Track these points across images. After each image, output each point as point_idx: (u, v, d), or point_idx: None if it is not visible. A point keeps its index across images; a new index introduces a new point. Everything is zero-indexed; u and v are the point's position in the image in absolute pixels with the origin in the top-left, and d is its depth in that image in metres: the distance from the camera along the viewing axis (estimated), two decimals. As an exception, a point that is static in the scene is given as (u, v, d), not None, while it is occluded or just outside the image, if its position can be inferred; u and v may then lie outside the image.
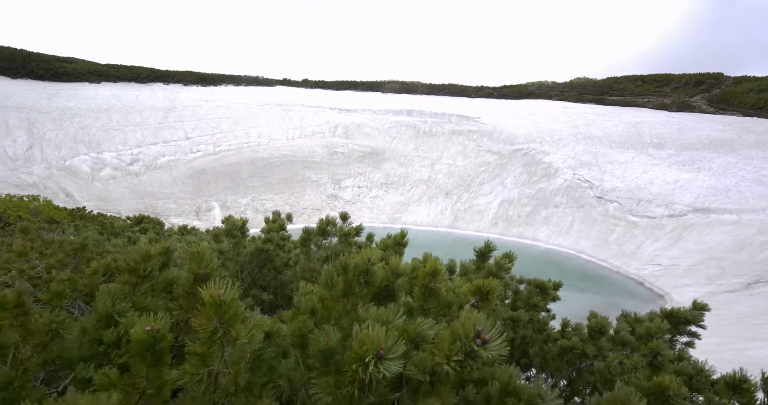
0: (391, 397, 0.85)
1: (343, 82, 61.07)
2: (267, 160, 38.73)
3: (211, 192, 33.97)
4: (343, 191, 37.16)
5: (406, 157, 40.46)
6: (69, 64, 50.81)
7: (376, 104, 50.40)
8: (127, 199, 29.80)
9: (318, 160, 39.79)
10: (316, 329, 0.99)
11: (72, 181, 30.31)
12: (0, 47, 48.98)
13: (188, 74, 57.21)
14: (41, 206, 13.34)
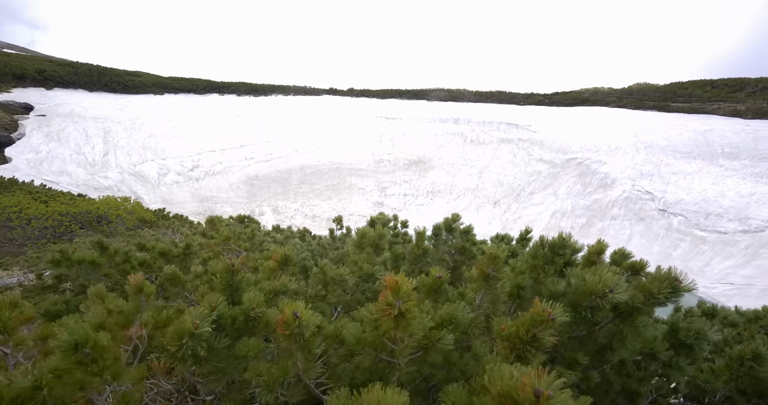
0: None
1: (388, 91, 62.66)
2: (315, 167, 40.71)
3: (263, 197, 36.27)
4: (389, 199, 38.20)
5: (452, 165, 40.92)
6: (137, 77, 56.25)
7: (422, 112, 51.42)
8: (188, 202, 32.59)
9: (364, 167, 41.22)
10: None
11: (141, 184, 33.65)
12: (80, 64, 55.29)
13: (241, 85, 61.29)
14: (133, 207, 15.36)
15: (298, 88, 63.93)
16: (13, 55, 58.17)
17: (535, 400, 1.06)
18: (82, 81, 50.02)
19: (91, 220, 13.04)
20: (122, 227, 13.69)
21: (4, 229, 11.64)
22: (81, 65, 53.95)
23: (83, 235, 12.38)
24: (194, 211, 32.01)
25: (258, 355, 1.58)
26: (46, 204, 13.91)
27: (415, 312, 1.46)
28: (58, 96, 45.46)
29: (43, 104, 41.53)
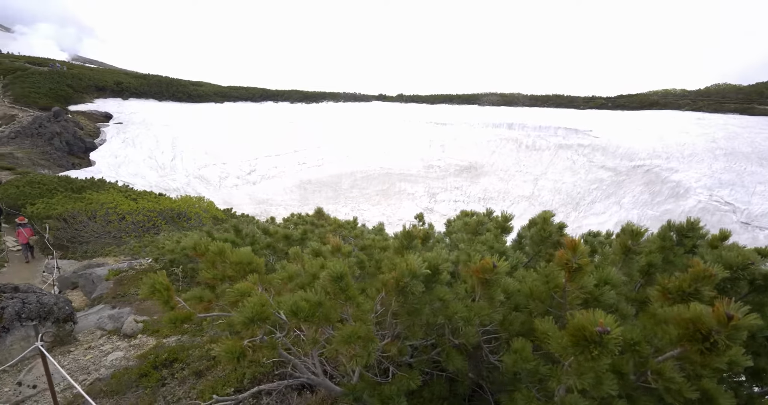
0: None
1: (437, 96, 62.87)
2: (365, 172, 41.70)
3: (315, 200, 37.71)
4: (438, 205, 38.26)
5: (506, 171, 40.26)
6: (200, 87, 60.68)
7: (473, 117, 51.08)
8: (246, 204, 34.62)
9: (414, 173, 41.60)
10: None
11: (204, 187, 36.26)
12: (151, 75, 60.62)
13: (294, 93, 64.16)
14: (207, 206, 16.76)
15: (348, 95, 65.80)
16: (95, 69, 65.01)
17: (726, 321, 1.36)
18: (152, 91, 54.87)
19: (173, 217, 14.47)
20: (198, 223, 15.02)
21: (104, 222, 13.25)
22: (152, 77, 59.20)
23: (167, 230, 13.74)
24: (251, 213, 33.99)
25: (449, 299, 1.98)
26: (135, 201, 15.61)
27: (588, 268, 1.79)
28: (132, 105, 50.21)
29: (120, 113, 46.05)
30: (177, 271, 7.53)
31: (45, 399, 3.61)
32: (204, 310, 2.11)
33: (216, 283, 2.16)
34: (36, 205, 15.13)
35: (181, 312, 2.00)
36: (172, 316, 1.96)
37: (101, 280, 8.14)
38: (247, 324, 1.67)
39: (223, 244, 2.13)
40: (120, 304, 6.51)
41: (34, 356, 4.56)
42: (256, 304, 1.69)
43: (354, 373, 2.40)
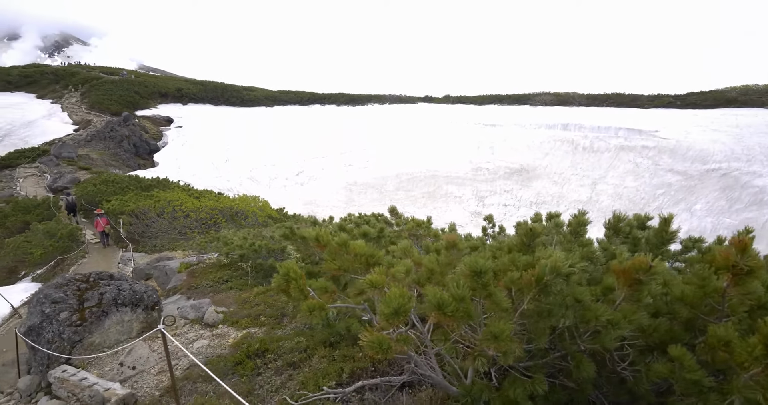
0: None
1: (486, 97, 61.64)
2: (411, 174, 41.59)
3: (360, 202, 38.11)
4: (487, 208, 37.32)
5: (560, 175, 38.61)
6: (252, 92, 63.49)
7: (525, 118, 49.51)
8: (294, 204, 35.65)
9: (461, 175, 40.94)
10: None
11: (255, 187, 37.78)
12: (208, 82, 64.27)
13: (340, 96, 65.45)
14: (262, 205, 17.40)
15: (394, 97, 66.11)
16: (158, 77, 69.98)
17: None
18: (209, 96, 58.16)
19: (232, 215, 15.16)
20: (254, 222, 15.61)
21: (171, 218, 14.14)
22: (208, 83, 62.79)
23: (227, 227, 14.40)
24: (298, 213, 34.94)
25: (587, 300, 1.84)
26: (198, 199, 16.56)
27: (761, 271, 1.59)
28: (191, 110, 53.48)
29: (180, 117, 49.18)
30: (244, 266, 7.82)
31: (143, 379, 3.82)
32: (329, 301, 2.10)
33: (340, 274, 2.15)
34: (111, 201, 16.45)
35: (315, 301, 2.00)
36: (309, 304, 1.96)
37: (174, 272, 8.63)
38: (391, 316, 1.62)
39: (346, 236, 2.11)
40: (194, 295, 6.84)
41: (127, 340, 4.87)
42: (399, 296, 1.64)
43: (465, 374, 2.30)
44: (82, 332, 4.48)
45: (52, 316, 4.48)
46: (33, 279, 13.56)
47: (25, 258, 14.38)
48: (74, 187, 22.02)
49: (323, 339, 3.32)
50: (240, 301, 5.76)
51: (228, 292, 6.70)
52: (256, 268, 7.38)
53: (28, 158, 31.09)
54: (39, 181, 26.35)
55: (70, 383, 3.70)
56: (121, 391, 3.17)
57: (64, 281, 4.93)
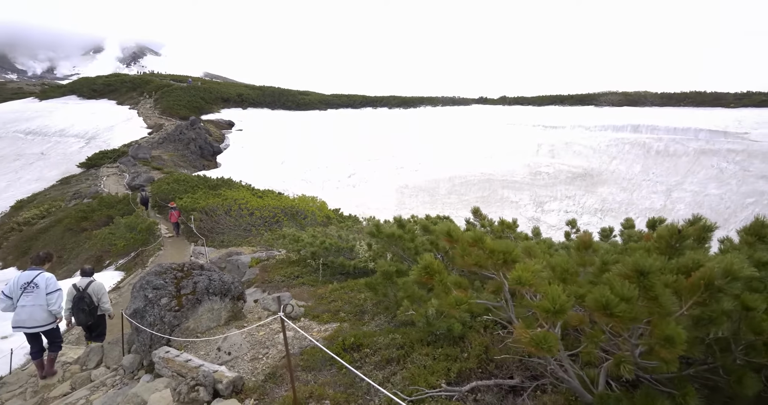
0: None
1: (546, 97, 59.39)
2: (464, 177, 40.90)
3: (411, 205, 38.06)
4: (546, 215, 35.82)
5: (630, 180, 36.23)
6: (306, 96, 65.74)
7: (589, 119, 47.04)
8: (345, 206, 36.35)
9: (518, 179, 39.64)
10: None
11: (308, 189, 39.00)
12: (266, 87, 67.42)
13: (392, 98, 65.94)
14: (320, 205, 17.90)
15: (447, 99, 65.54)
16: (221, 83, 74.61)
17: None
18: (267, 101, 61.03)
19: (294, 214, 15.76)
20: (313, 221, 16.07)
21: (237, 216, 14.96)
22: (266, 88, 65.90)
23: (288, 225, 14.95)
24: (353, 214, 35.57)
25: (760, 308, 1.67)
26: (261, 198, 17.40)
27: None
28: (250, 114, 56.41)
29: (240, 121, 52.03)
30: (313, 263, 8.06)
31: (238, 365, 4.03)
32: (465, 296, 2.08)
33: (476, 270, 2.11)
34: (183, 199, 17.73)
35: (458, 295, 1.98)
36: (454, 298, 1.95)
37: (246, 267, 9.08)
38: (551, 314, 1.56)
39: (481, 232, 2.07)
40: (269, 288, 7.14)
41: (217, 326, 5.17)
42: (558, 294, 1.57)
43: (592, 381, 2.18)
44: (179, 317, 4.82)
45: (154, 301, 4.86)
46: (116, 268, 14.89)
47: (110, 249, 15.83)
48: (149, 185, 24.02)
49: (420, 337, 3.31)
50: (316, 297, 5.92)
51: (301, 287, 6.92)
52: (326, 266, 7.57)
53: (110, 158, 34.33)
54: (119, 180, 29.00)
55: (176, 363, 3.98)
56: (230, 373, 3.36)
57: (163, 269, 5.33)
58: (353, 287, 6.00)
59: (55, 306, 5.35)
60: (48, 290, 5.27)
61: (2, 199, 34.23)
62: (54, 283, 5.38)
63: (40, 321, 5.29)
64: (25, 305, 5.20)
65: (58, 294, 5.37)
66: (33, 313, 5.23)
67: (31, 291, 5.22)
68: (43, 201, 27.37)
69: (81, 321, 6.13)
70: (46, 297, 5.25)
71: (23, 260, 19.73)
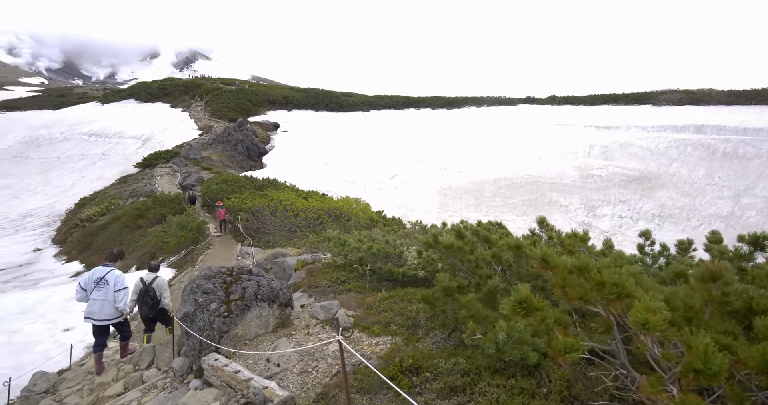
0: None
1: (598, 97, 56.54)
2: (510, 180, 39.60)
3: (455, 208, 37.33)
4: (598, 220, 33.92)
5: (692, 184, 33.62)
6: (349, 97, 66.40)
7: (647, 119, 44.18)
8: (388, 207, 36.23)
9: (568, 182, 37.87)
10: None
11: (351, 190, 39.24)
12: (310, 89, 68.84)
13: (435, 99, 65.21)
14: (364, 207, 17.80)
15: (492, 99, 63.99)
16: (267, 85, 77.02)
17: None
18: (311, 103, 62.26)
19: (337, 216, 15.75)
20: (356, 223, 15.97)
21: (283, 217, 15.16)
22: (310, 90, 67.26)
23: (332, 227, 14.93)
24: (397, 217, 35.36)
25: None
26: (305, 199, 17.58)
27: None
28: (295, 115, 57.77)
29: (285, 122, 53.39)
30: (359, 268, 7.87)
31: (287, 378, 3.87)
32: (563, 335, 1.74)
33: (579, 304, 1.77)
34: (231, 199, 18.26)
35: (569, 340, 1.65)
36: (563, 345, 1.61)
37: (291, 269, 9.05)
38: (704, 376, 1.20)
39: (586, 258, 1.72)
40: (315, 293, 7.01)
41: (265, 334, 5.07)
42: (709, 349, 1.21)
43: None
44: (228, 323, 4.76)
45: (204, 306, 4.83)
46: (168, 265, 15.50)
47: (162, 246, 16.54)
48: (199, 185, 25.04)
49: (487, 364, 2.98)
50: (365, 306, 5.70)
51: (348, 293, 6.74)
52: (373, 272, 7.35)
53: (164, 159, 36.23)
54: (172, 179, 30.51)
55: (225, 373, 3.89)
56: (281, 392, 3.19)
57: (212, 273, 5.32)
58: (403, 297, 5.73)
59: (122, 303, 5.74)
60: (116, 288, 5.66)
61: (68, 196, 37.08)
62: (122, 282, 5.76)
63: (107, 315, 5.72)
64: (96, 299, 5.63)
65: (124, 292, 5.77)
66: (102, 307, 5.66)
67: (102, 286, 5.64)
68: (104, 199, 29.29)
69: (144, 313, 6.54)
70: (114, 294, 5.65)
71: (85, 254, 21.15)
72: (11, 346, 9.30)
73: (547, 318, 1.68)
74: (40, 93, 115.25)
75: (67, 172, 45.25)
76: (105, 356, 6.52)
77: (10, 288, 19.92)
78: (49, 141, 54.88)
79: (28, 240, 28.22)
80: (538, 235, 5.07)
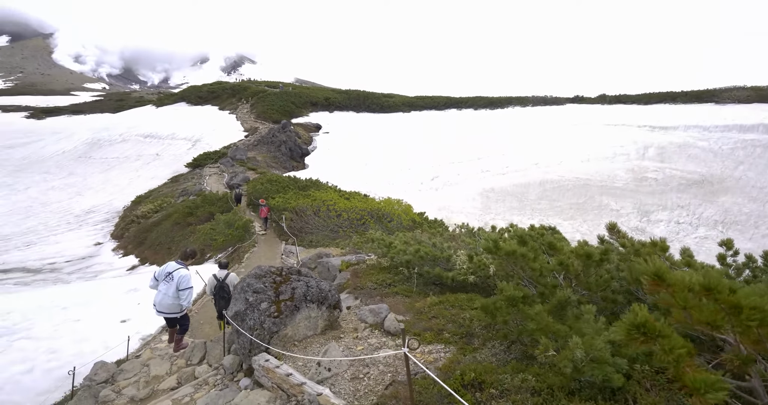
0: None
1: (654, 95, 53.32)
2: (557, 182, 38.06)
3: (498, 210, 36.35)
4: (653, 226, 31.83)
5: (761, 189, 30.91)
6: (390, 98, 66.48)
7: (709, 119, 41.10)
8: (429, 209, 35.82)
9: (620, 185, 35.91)
10: None
11: (391, 191, 39.18)
12: (351, 90, 69.60)
13: (478, 99, 63.95)
14: (405, 208, 17.63)
15: (537, 99, 61.96)
16: (309, 88, 78.72)
17: None
18: (352, 104, 62.92)
19: (380, 217, 15.69)
20: (399, 224, 15.81)
21: (326, 217, 15.29)
22: (352, 92, 67.99)
23: (374, 228, 14.86)
24: (432, 218, 34.93)
25: None
26: (348, 200, 17.68)
27: None
28: (336, 117, 58.61)
29: (327, 123, 54.26)
30: (405, 271, 7.70)
31: (338, 383, 3.77)
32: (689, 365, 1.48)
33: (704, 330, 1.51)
34: (275, 198, 18.68)
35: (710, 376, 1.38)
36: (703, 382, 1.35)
37: (336, 270, 9.02)
38: None
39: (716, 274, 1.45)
40: (361, 295, 6.91)
41: (314, 335, 5.02)
42: None
43: None
44: (278, 324, 4.74)
45: (254, 305, 4.84)
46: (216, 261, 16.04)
47: (211, 243, 17.16)
48: (245, 185, 25.87)
49: (561, 383, 2.71)
50: (414, 311, 5.52)
51: (394, 296, 6.59)
52: (419, 275, 7.16)
53: (212, 159, 37.81)
54: (219, 179, 31.75)
55: (276, 375, 3.84)
56: (336, 400, 3.08)
57: (262, 272, 5.34)
58: (454, 303, 5.50)
59: (185, 301, 6.08)
60: (180, 287, 5.99)
61: (125, 194, 39.53)
62: (186, 282, 6.04)
63: (167, 308, 6.11)
64: (161, 291, 6.07)
65: (188, 292, 6.06)
66: (163, 300, 6.05)
67: (168, 281, 6.04)
68: (157, 197, 30.97)
69: (220, 306, 6.86)
70: (177, 292, 5.99)
71: (140, 249, 22.39)
72: (75, 334, 9.91)
73: (676, 347, 1.41)
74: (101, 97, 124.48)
75: (124, 172, 48.33)
76: (158, 349, 6.86)
77: (75, 279, 21.47)
78: (109, 142, 58.90)
79: (90, 234, 30.36)
80: (607, 242, 4.68)
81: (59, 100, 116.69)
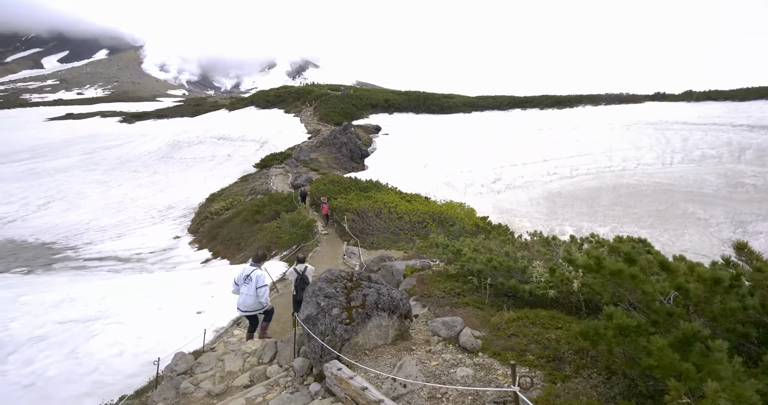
0: None
1: (752, 90, 47.60)
2: (634, 187, 35.09)
3: (565, 216, 34.25)
4: (752, 238, 28.14)
5: None
6: (450, 99, 65.40)
7: (826, 116, 35.66)
8: (489, 213, 34.63)
9: (710, 191, 32.29)
10: None
11: (450, 193, 38.46)
12: (411, 92, 69.46)
13: (544, 98, 60.95)
14: (468, 212, 17.06)
15: (612, 97, 57.82)
16: (370, 90, 79.85)
17: None
18: (411, 105, 62.76)
19: (442, 220, 15.32)
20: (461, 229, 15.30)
21: (387, 219, 15.22)
22: (411, 93, 67.84)
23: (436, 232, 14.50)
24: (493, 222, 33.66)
25: None
26: (409, 202, 17.52)
27: None
28: (396, 118, 58.81)
29: (386, 125, 54.60)
30: (475, 280, 7.32)
31: (414, 401, 3.55)
32: None
33: None
34: (337, 199, 18.99)
35: None
36: None
37: (400, 274, 8.83)
38: None
39: None
40: (429, 304, 6.65)
41: (384, 345, 4.84)
42: None
43: None
44: (350, 331, 4.62)
45: (326, 310, 4.77)
46: (281, 259, 16.59)
47: (276, 241, 17.79)
48: (308, 185, 26.67)
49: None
50: (489, 326, 5.16)
51: (465, 308, 6.24)
52: (491, 286, 6.74)
53: (278, 160, 39.52)
54: (284, 179, 33.06)
55: (350, 388, 3.71)
56: (420, 426, 2.86)
57: (333, 277, 5.27)
58: (534, 320, 5.06)
59: (263, 298, 6.71)
60: (257, 285, 6.61)
61: (200, 192, 42.57)
62: (263, 280, 6.68)
63: (250, 307, 6.74)
64: (243, 293, 6.70)
65: (265, 289, 6.71)
66: (246, 300, 6.68)
67: (248, 283, 6.66)
68: (228, 195, 32.92)
69: (300, 297, 7.32)
70: (256, 290, 6.60)
71: (213, 244, 23.85)
72: (157, 323, 10.66)
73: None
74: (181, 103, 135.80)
75: (200, 171, 52.13)
76: (231, 344, 7.14)
77: (157, 269, 23.41)
78: (188, 144, 63.88)
79: (170, 228, 33.04)
80: (734, 263, 4.01)
81: (146, 106, 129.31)
